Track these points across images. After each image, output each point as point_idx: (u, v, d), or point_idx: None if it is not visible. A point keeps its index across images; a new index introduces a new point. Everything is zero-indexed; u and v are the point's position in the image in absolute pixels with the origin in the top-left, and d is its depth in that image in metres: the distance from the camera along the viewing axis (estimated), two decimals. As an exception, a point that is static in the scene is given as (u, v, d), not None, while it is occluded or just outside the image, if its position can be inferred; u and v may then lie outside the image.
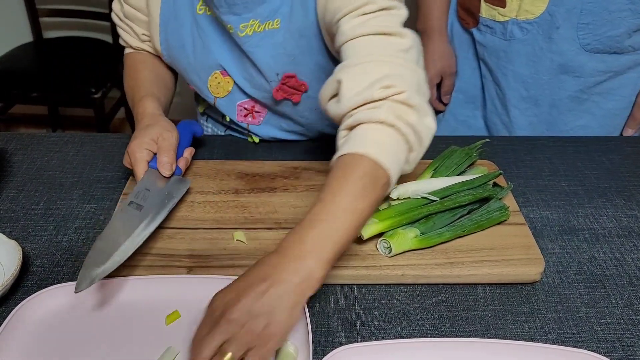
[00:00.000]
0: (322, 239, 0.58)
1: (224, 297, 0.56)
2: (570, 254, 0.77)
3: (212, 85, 0.93)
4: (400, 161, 0.64)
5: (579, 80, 1.09)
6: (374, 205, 0.62)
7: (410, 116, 0.64)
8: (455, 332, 0.66)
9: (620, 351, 0.64)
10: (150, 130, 0.79)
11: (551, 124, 1.15)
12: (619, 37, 1.02)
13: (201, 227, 0.78)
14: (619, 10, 1.00)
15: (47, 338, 0.63)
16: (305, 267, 0.56)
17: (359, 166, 0.61)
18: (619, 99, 1.12)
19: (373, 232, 0.73)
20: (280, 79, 0.86)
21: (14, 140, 1.01)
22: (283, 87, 0.87)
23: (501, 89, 1.15)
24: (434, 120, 0.67)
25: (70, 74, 2.14)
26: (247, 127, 0.99)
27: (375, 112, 0.63)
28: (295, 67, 0.85)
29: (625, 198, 0.88)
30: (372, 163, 0.61)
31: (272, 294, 0.54)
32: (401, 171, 0.65)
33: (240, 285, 0.56)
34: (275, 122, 0.98)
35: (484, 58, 1.16)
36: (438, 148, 1.00)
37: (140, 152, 0.77)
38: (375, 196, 0.61)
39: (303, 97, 0.90)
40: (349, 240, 0.60)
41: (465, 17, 1.16)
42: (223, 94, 0.93)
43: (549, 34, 1.04)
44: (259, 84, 0.89)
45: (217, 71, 0.91)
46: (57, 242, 0.78)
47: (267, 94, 0.90)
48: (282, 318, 0.54)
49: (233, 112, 0.96)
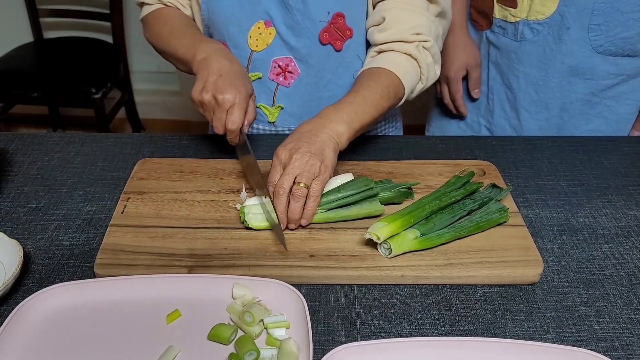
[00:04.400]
0: (352, 115, 0.80)
1: (286, 147, 0.76)
2: (569, 254, 0.78)
3: (252, 37, 0.95)
4: (413, 86, 0.89)
5: (590, 83, 1.08)
6: (388, 109, 0.85)
7: (428, 58, 0.90)
8: (454, 331, 0.66)
9: (620, 350, 0.64)
10: (248, 83, 0.85)
11: (561, 128, 1.15)
12: (632, 39, 1.01)
13: (202, 227, 0.78)
14: (631, 11, 0.99)
15: (47, 337, 0.64)
16: (339, 128, 0.79)
17: (387, 77, 0.85)
18: (631, 103, 1.11)
19: (387, 234, 0.72)
20: (330, 19, 0.91)
21: (15, 140, 1.01)
22: (330, 29, 0.91)
23: (512, 91, 1.14)
24: (439, 69, 0.94)
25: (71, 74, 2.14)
26: (275, 92, 1.00)
27: (406, 46, 0.88)
28: (344, 7, 0.91)
29: (624, 198, 0.88)
30: (397, 79, 0.86)
31: (320, 139, 0.76)
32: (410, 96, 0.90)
33: (294, 138, 0.77)
34: (304, 89, 1.00)
35: (496, 60, 1.15)
36: (438, 148, 1.00)
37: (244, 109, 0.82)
38: (393, 102, 0.86)
39: (345, 45, 0.95)
40: (368, 124, 0.83)
41: (479, 19, 1.15)
42: (261, 47, 0.95)
43: (559, 35, 1.04)
44: (303, 29, 0.92)
45: (262, 21, 0.93)
46: (58, 242, 0.79)
47: (310, 42, 0.93)
48: (330, 156, 0.76)
49: (267, 68, 0.98)
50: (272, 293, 0.67)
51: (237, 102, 0.80)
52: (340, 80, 1.00)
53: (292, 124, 1.04)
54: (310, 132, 0.77)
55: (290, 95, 1.01)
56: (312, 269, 0.72)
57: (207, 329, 0.64)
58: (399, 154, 0.98)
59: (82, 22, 2.43)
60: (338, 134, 0.78)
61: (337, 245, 0.75)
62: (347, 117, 0.80)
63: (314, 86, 1.00)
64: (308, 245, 0.75)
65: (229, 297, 0.68)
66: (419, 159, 0.95)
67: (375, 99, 0.82)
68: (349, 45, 0.96)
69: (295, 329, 0.64)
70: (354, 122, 0.80)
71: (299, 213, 0.75)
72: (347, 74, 1.00)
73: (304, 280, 0.72)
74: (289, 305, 0.66)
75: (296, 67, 0.98)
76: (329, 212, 0.79)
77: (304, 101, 1.02)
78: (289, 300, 0.66)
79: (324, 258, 0.73)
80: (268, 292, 0.67)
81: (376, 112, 0.83)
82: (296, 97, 1.01)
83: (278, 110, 1.03)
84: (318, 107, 1.00)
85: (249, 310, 0.64)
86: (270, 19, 0.93)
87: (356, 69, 0.99)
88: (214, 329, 0.63)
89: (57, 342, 0.63)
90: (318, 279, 0.72)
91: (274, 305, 0.66)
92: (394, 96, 0.85)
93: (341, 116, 0.79)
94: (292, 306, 0.65)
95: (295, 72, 0.98)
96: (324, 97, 1.01)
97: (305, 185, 0.74)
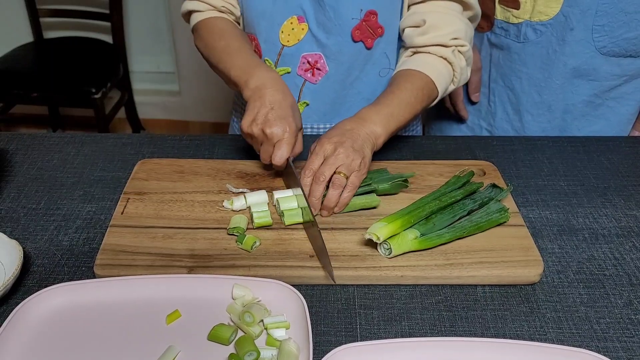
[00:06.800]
0: (388, 117, 0.84)
1: (331, 139, 0.79)
2: (569, 254, 0.78)
3: (284, 32, 0.96)
4: (445, 88, 0.92)
5: (593, 84, 1.08)
6: (422, 109, 0.89)
7: (462, 62, 0.93)
8: (454, 331, 0.66)
9: (620, 350, 0.64)
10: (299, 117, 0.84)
11: (564, 130, 1.14)
12: (636, 40, 1.01)
13: (202, 227, 0.78)
14: (635, 11, 0.98)
15: (47, 338, 0.64)
16: (377, 130, 0.83)
17: (422, 80, 0.89)
18: (633, 104, 1.10)
19: (387, 234, 0.72)
20: (362, 16, 0.92)
21: (15, 140, 1.01)
22: (362, 26, 0.92)
23: (514, 93, 1.14)
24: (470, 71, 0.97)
25: (71, 74, 2.14)
26: (302, 87, 1.01)
27: (443, 50, 0.91)
28: (377, 5, 0.92)
29: (624, 198, 0.88)
30: (431, 82, 0.89)
31: (361, 138, 0.80)
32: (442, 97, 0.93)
33: (338, 132, 0.80)
34: (331, 87, 1.00)
35: (497, 62, 1.15)
36: (437, 148, 1.00)
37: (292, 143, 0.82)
38: (426, 103, 0.89)
39: (375, 43, 0.96)
40: (403, 124, 0.86)
41: (480, 21, 1.15)
42: (293, 42, 0.97)
43: (563, 36, 1.04)
44: (336, 27, 0.93)
45: (295, 16, 0.94)
46: (58, 242, 0.79)
47: (342, 39, 0.95)
48: (368, 154, 0.81)
49: (296, 63, 0.99)
50: (272, 293, 0.67)
51: (286, 137, 0.80)
52: (367, 78, 1.01)
53: (315, 122, 1.05)
54: (352, 131, 0.81)
55: (316, 92, 1.02)
56: (312, 269, 0.72)
57: (207, 329, 0.64)
58: (399, 154, 0.98)
59: (82, 22, 2.43)
60: (376, 135, 0.82)
61: (337, 245, 0.75)
62: (384, 120, 0.83)
63: (341, 84, 1.01)
64: (308, 245, 0.75)
65: (229, 298, 0.68)
66: (418, 159, 0.95)
67: (411, 102, 0.86)
68: (379, 43, 0.97)
69: (295, 329, 0.64)
70: (391, 125, 0.84)
71: (335, 201, 0.78)
72: (374, 71, 1.00)
73: (304, 280, 0.72)
74: (289, 305, 0.66)
75: (325, 64, 0.98)
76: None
77: (330, 99, 1.02)
78: (289, 300, 0.66)
79: (324, 258, 0.73)
80: (268, 293, 0.67)
81: (410, 115, 0.86)
82: (322, 95, 1.02)
83: (303, 107, 1.04)
84: (342, 106, 1.03)
85: (249, 311, 0.64)
86: (304, 14, 0.94)
87: (383, 67, 1.00)
88: (214, 329, 0.63)
89: (57, 342, 0.63)
90: (318, 279, 0.72)
91: (274, 305, 0.66)
92: (428, 98, 0.89)
93: (380, 118, 0.83)
94: (292, 306, 0.65)
95: (324, 69, 0.99)
96: (350, 95, 1.02)
97: (345, 175, 0.77)
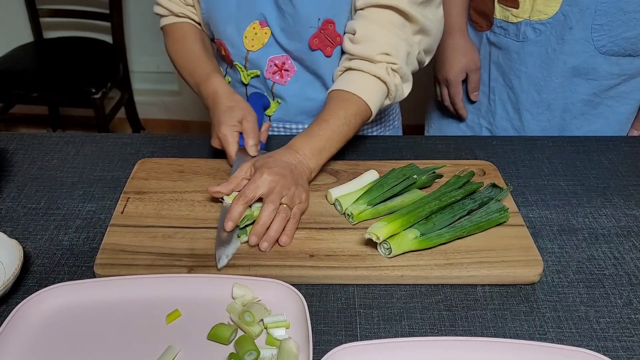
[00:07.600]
0: (320, 151, 0.84)
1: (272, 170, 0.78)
2: (569, 254, 0.78)
3: (247, 37, 0.97)
4: (379, 107, 0.90)
5: (592, 84, 1.08)
6: (354, 132, 0.88)
7: (397, 79, 0.90)
8: (454, 331, 0.66)
9: (620, 350, 0.64)
10: (234, 112, 0.89)
11: (563, 129, 1.14)
12: (635, 39, 1.01)
13: (202, 227, 0.78)
14: (634, 10, 0.99)
15: (47, 337, 0.64)
16: (310, 164, 0.83)
17: (355, 104, 0.87)
18: (632, 103, 1.11)
19: (387, 234, 0.72)
20: (320, 25, 0.92)
21: (15, 140, 1.02)
22: (320, 35, 0.92)
23: (514, 92, 1.14)
24: (410, 87, 0.94)
25: (70, 74, 2.14)
26: (272, 89, 1.02)
27: (375, 68, 0.88)
28: (334, 14, 0.92)
29: (624, 198, 0.88)
30: (364, 105, 0.87)
31: (298, 173, 0.81)
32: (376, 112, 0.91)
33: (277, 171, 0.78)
34: (300, 87, 1.01)
35: (497, 61, 1.15)
36: (437, 148, 1.00)
37: (231, 136, 0.88)
38: (360, 127, 0.89)
39: (335, 51, 0.95)
40: (336, 149, 0.87)
41: (479, 20, 1.15)
42: (257, 47, 0.98)
43: (562, 35, 1.04)
44: (295, 33, 0.93)
45: (257, 21, 0.95)
46: (58, 242, 0.79)
47: (302, 45, 0.95)
48: (306, 186, 0.82)
49: (263, 67, 1.00)
50: (272, 293, 0.67)
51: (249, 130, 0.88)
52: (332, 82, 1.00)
53: (287, 122, 1.07)
54: (290, 165, 0.80)
55: (287, 91, 1.03)
56: (312, 269, 0.72)
57: (207, 329, 0.64)
58: (399, 154, 0.98)
59: (82, 22, 2.43)
60: (310, 170, 0.83)
61: (337, 245, 0.75)
62: (317, 154, 0.84)
63: (310, 85, 1.01)
64: (308, 245, 0.75)
65: (229, 297, 0.68)
66: (419, 159, 0.95)
67: (343, 131, 0.86)
68: (339, 51, 0.96)
69: (295, 329, 0.64)
70: (322, 158, 0.85)
71: (279, 231, 0.75)
72: None
73: (304, 280, 0.72)
74: (289, 305, 0.66)
75: (292, 65, 0.99)
76: (377, 206, 0.80)
77: (301, 98, 1.03)
78: (288, 300, 0.66)
79: (324, 258, 0.73)
80: (268, 292, 0.67)
81: (342, 143, 0.87)
82: (293, 94, 1.03)
83: (276, 105, 1.05)
84: (315, 104, 1.03)
85: (249, 310, 0.64)
86: (265, 19, 0.94)
87: None
88: (213, 328, 0.63)
89: (57, 342, 0.63)
90: (318, 279, 0.72)
91: (274, 305, 0.66)
92: (362, 122, 0.89)
93: (312, 153, 0.83)
94: (292, 306, 0.65)
95: (292, 69, 1.00)
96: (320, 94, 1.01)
97: (289, 207, 0.77)
